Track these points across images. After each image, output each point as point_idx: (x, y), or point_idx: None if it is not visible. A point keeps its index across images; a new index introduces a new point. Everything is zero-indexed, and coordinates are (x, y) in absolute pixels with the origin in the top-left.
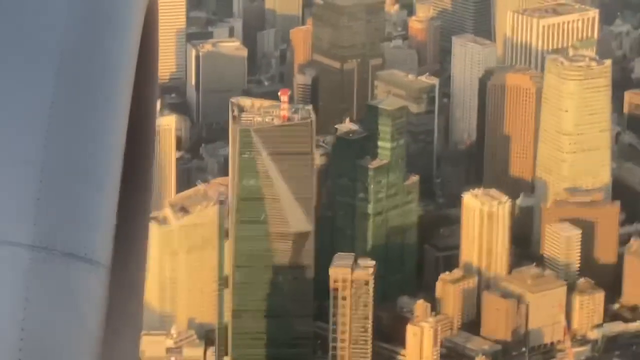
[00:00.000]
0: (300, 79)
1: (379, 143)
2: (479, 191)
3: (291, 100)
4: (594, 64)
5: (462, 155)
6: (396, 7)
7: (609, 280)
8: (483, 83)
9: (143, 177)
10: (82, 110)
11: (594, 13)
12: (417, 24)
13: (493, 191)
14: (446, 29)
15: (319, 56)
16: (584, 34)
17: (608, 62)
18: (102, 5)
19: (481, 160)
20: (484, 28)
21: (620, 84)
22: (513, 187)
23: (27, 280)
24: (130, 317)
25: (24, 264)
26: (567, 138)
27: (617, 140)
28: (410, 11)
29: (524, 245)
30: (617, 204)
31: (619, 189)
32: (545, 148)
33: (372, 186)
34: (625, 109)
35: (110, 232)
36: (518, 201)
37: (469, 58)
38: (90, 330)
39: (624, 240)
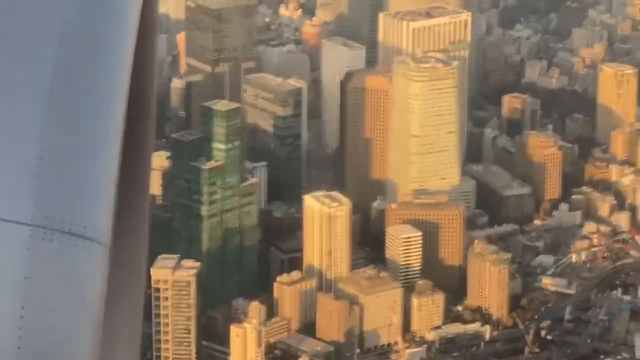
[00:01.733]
0: (178, 83)
1: (214, 144)
2: (319, 193)
3: (167, 104)
4: (440, 65)
5: (329, 158)
6: (299, 11)
7: (454, 282)
8: (344, 86)
9: (142, 157)
10: (82, 87)
11: (466, 16)
12: (310, 28)
13: (335, 193)
14: (340, 34)
15: (192, 60)
16: (457, 37)
17: (455, 63)
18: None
19: (344, 163)
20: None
21: (511, 87)
22: (372, 189)
23: (27, 259)
24: (132, 295)
25: (24, 242)
26: (414, 140)
27: (494, 143)
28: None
29: (375, 247)
30: (462, 206)
31: (483, 192)
32: (395, 150)
33: (205, 188)
34: (504, 112)
35: (110, 212)
36: (375, 203)
37: (336, 61)
38: (90, 308)
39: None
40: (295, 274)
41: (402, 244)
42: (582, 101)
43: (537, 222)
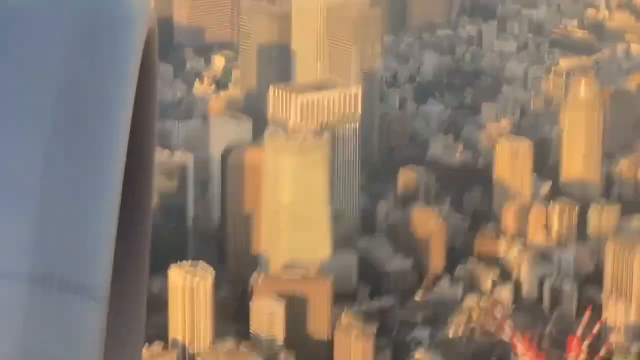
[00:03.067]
0: None
1: None
2: (185, 265)
3: None
4: (310, 137)
5: (213, 232)
6: (212, 87)
7: (320, 357)
8: (224, 160)
9: (142, 207)
10: (80, 141)
11: (356, 89)
12: (217, 103)
13: (201, 265)
14: (246, 109)
15: None
16: (346, 110)
17: (325, 136)
18: (101, 37)
19: (225, 237)
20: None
21: (414, 161)
22: (251, 263)
23: (25, 315)
24: (131, 343)
25: (22, 298)
26: (285, 212)
27: (386, 217)
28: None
29: (244, 320)
30: (330, 279)
31: (366, 266)
32: (267, 223)
33: None
34: (400, 186)
35: (110, 265)
36: (251, 278)
37: (222, 135)
38: None
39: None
40: (157, 347)
41: (266, 317)
42: (483, 175)
43: (418, 295)
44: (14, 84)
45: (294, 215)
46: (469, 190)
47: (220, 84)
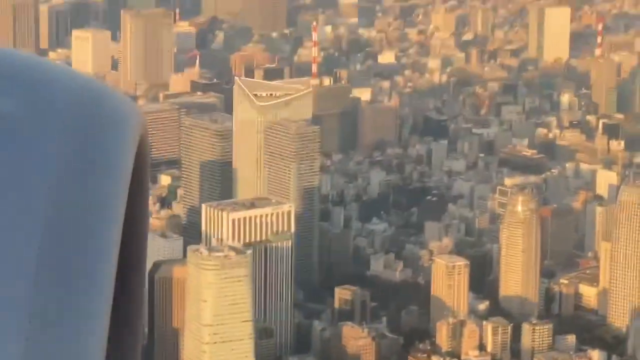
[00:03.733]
0: None
1: None
2: None
3: None
4: (232, 254)
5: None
6: (157, 204)
7: None
8: (152, 277)
9: (132, 321)
10: (71, 262)
11: (289, 207)
12: (156, 222)
13: None
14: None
15: None
16: (279, 228)
17: (248, 252)
18: (92, 147)
19: (152, 353)
20: None
21: (354, 280)
22: None
23: None
24: None
25: None
26: (206, 329)
27: (321, 335)
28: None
29: None
30: None
31: None
32: (189, 340)
33: None
34: (336, 304)
35: None
36: None
37: (152, 252)
38: None
39: None
40: None
41: None
42: (422, 293)
43: None
44: (3, 194)
45: (216, 332)
46: (407, 308)
47: (166, 201)
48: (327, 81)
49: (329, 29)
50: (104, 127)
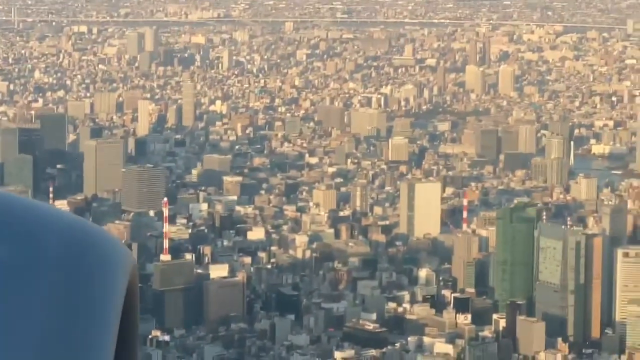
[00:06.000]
0: None
1: None
2: None
3: None
4: None
5: None
6: None
7: None
8: None
9: None
10: None
11: None
12: None
13: None
14: None
15: None
16: None
17: None
18: (82, 290)
19: None
20: None
21: None
22: None
23: None
24: None
25: None
26: None
27: None
28: None
29: None
30: None
31: None
32: None
33: None
34: None
35: None
36: None
37: None
38: None
39: None
40: None
41: None
42: None
43: None
44: None
45: None
46: None
47: None
48: (188, 257)
49: (205, 206)
50: (94, 268)
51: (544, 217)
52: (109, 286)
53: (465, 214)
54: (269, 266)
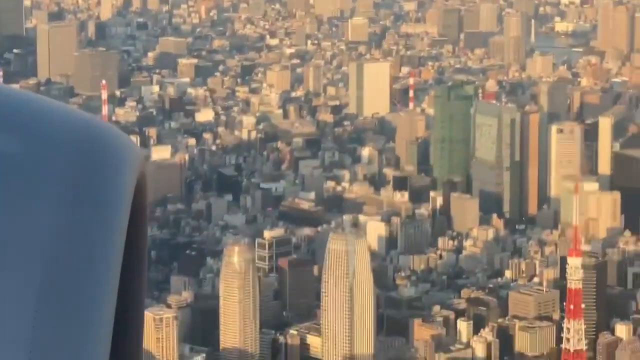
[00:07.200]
0: None
1: None
2: None
3: None
4: None
5: None
6: None
7: None
8: None
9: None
10: (70, 299)
11: None
12: None
13: None
14: None
15: None
16: None
17: None
18: (90, 186)
19: None
20: None
21: None
22: None
23: None
24: None
25: None
26: None
27: None
28: None
29: None
30: None
31: None
32: None
33: None
34: None
35: None
36: None
37: None
38: None
39: None
40: None
41: None
42: None
43: None
44: (2, 235)
45: None
46: None
47: None
48: (132, 139)
49: (156, 88)
50: (103, 165)
51: (480, 94)
52: (118, 184)
53: (411, 93)
54: (214, 147)
